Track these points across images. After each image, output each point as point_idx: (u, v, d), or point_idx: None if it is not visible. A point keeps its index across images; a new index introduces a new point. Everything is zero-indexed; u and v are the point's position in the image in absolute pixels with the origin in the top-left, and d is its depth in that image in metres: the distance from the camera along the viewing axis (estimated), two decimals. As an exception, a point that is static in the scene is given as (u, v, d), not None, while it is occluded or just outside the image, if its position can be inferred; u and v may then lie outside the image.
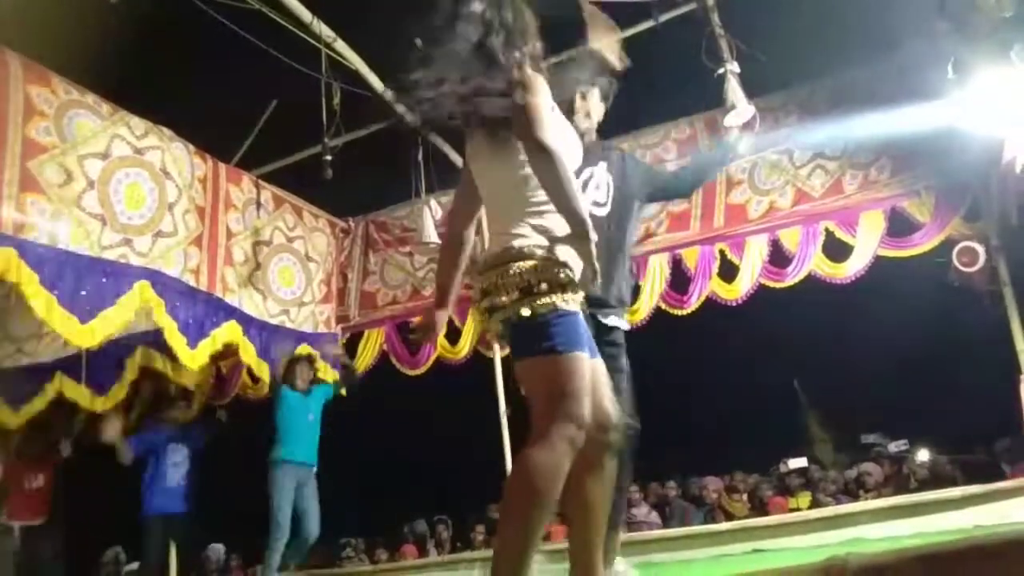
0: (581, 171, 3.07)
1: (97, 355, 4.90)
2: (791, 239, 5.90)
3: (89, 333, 4.52)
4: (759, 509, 6.99)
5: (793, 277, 5.86)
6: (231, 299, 5.72)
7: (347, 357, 6.36)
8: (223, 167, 5.86)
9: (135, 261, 4.90)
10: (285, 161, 6.68)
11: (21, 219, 4.24)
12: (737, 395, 10.08)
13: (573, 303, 2.07)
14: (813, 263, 5.80)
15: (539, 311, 2.01)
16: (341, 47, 5.31)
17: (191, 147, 5.53)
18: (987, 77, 4.12)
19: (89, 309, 4.51)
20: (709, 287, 6.04)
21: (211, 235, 5.60)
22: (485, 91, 2.09)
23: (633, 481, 7.56)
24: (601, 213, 3.34)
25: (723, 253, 6.08)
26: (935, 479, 6.61)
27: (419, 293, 7.00)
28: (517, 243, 2.09)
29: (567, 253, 2.07)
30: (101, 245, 4.69)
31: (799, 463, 7.71)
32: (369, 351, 7.00)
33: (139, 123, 5.12)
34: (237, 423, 6.56)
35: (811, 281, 5.87)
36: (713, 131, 5.96)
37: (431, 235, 6.24)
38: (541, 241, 2.09)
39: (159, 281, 5.03)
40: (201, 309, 5.38)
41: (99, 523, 8.43)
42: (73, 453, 7.04)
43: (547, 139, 1.99)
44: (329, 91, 5.67)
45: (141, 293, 4.87)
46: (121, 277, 4.78)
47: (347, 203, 7.12)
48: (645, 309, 6.17)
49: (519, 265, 2.05)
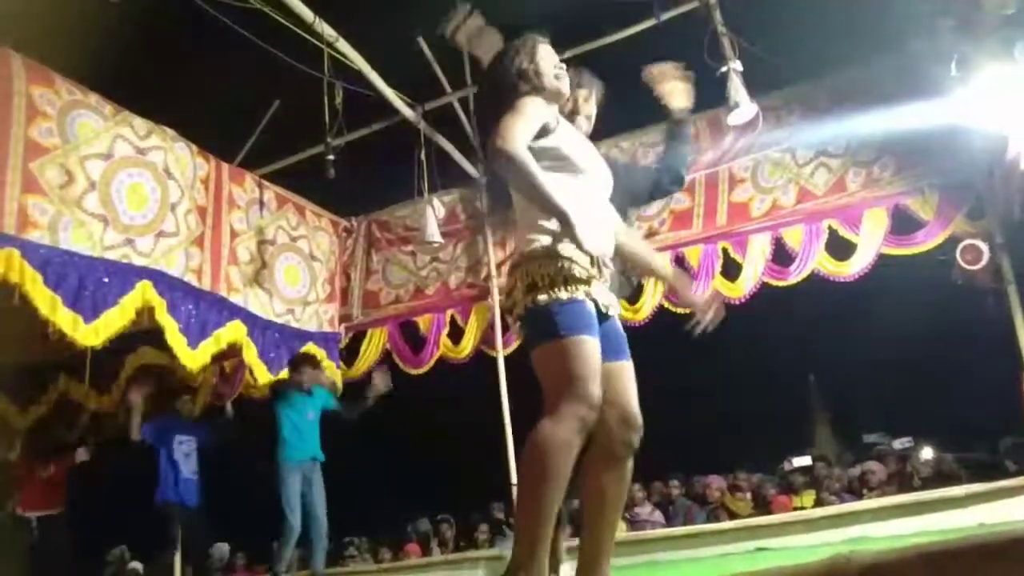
0: None
1: (99, 354, 4.89)
2: (794, 237, 5.88)
3: (93, 333, 4.54)
4: (762, 508, 6.97)
5: (796, 275, 5.85)
6: (236, 298, 5.72)
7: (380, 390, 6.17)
8: (226, 167, 5.87)
9: (137, 261, 4.91)
10: (288, 161, 6.70)
11: (23, 220, 4.25)
12: (740, 394, 10.07)
13: (577, 292, 2.15)
14: (816, 261, 5.78)
15: (541, 302, 2.12)
16: (343, 47, 5.31)
17: (194, 147, 5.53)
18: (990, 74, 4.11)
19: (92, 309, 4.53)
20: (712, 286, 6.02)
21: (214, 235, 5.60)
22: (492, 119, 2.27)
23: (636, 480, 7.59)
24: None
25: (726, 251, 6.06)
26: (939, 477, 6.60)
27: (422, 292, 7.01)
28: (526, 247, 2.23)
29: (569, 248, 2.16)
30: (103, 245, 4.70)
31: (803, 461, 7.69)
32: (372, 350, 7.00)
33: (142, 123, 5.12)
34: (241, 421, 6.54)
35: (814, 279, 5.86)
36: (716, 129, 5.95)
37: (434, 234, 6.24)
38: (545, 240, 2.20)
39: (161, 281, 5.04)
40: (204, 309, 5.38)
41: (105, 521, 8.45)
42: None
43: (504, 145, 2.10)
44: (331, 91, 5.68)
45: (143, 293, 4.88)
46: (123, 277, 4.79)
47: (350, 202, 7.13)
48: (648, 307, 6.16)
49: (527, 265, 2.19)
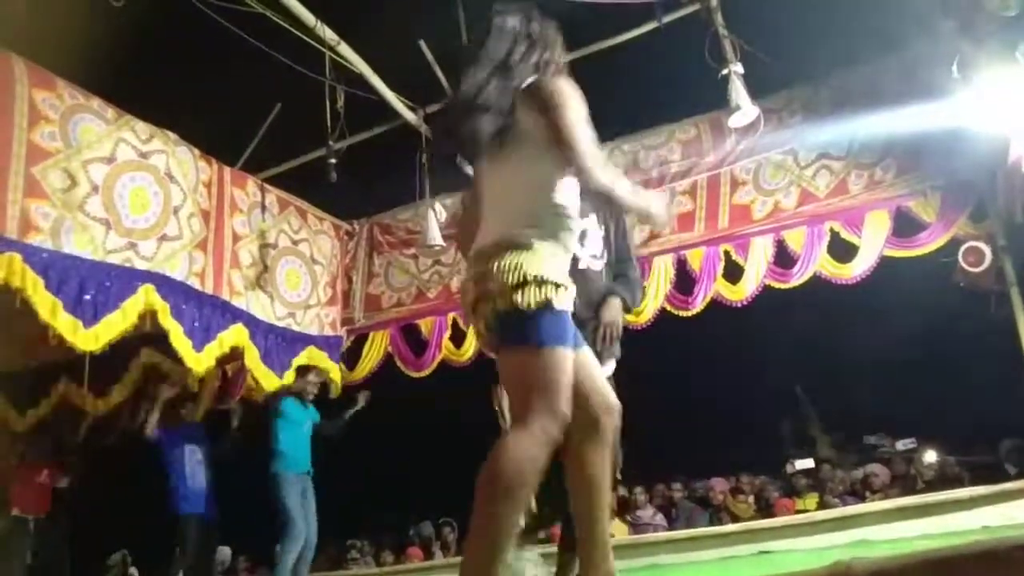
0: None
1: (101, 357, 4.89)
2: (796, 240, 5.88)
3: (93, 337, 4.53)
4: (765, 510, 6.97)
5: (798, 278, 5.84)
6: (238, 302, 5.72)
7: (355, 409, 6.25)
8: (228, 171, 5.87)
9: (140, 265, 4.90)
10: (289, 164, 6.70)
11: (26, 224, 4.25)
12: (743, 396, 10.05)
13: (565, 301, 2.06)
14: (818, 263, 5.78)
15: (531, 303, 1.99)
16: (345, 50, 5.32)
17: (196, 151, 5.53)
18: (992, 76, 4.10)
19: (94, 313, 4.52)
20: (714, 288, 6.03)
21: (216, 238, 5.60)
22: (504, 94, 2.15)
23: (638, 482, 7.57)
24: (597, 267, 3.28)
25: (728, 254, 6.06)
26: (942, 480, 6.59)
27: (424, 295, 7.00)
28: (520, 234, 2.07)
29: (563, 263, 2.11)
30: (106, 249, 4.70)
31: (806, 464, 7.68)
32: (374, 353, 7.00)
33: (144, 127, 5.13)
34: (241, 425, 6.54)
35: (817, 281, 5.85)
36: (717, 131, 5.95)
37: (436, 237, 6.25)
38: (548, 235, 2.08)
39: (164, 284, 5.03)
40: (207, 312, 5.38)
41: (104, 526, 8.44)
42: (80, 457, 7.11)
43: (602, 181, 2.08)
44: (333, 94, 5.69)
45: (146, 296, 4.87)
46: (126, 281, 4.78)
47: (352, 205, 7.13)
48: (650, 311, 6.15)
49: (517, 254, 2.03)
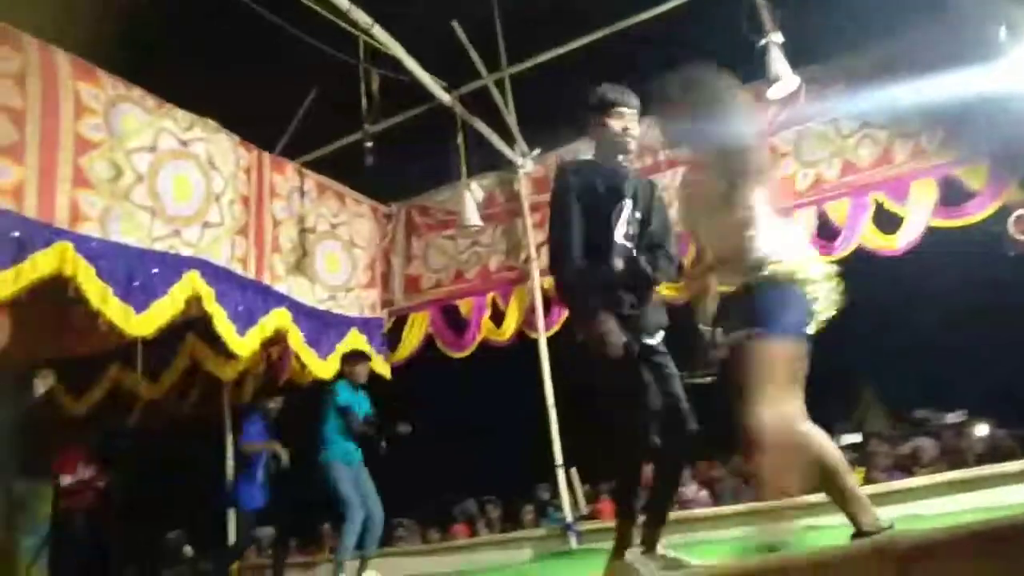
0: (619, 202, 3.06)
1: (149, 343, 5.01)
2: (839, 211, 5.76)
3: (144, 323, 4.65)
4: (811, 486, 6.89)
5: (842, 250, 5.72)
6: (279, 286, 5.82)
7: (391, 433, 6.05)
8: (267, 156, 5.94)
9: (184, 251, 5.01)
10: (327, 149, 6.76)
11: (75, 214, 4.36)
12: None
13: None
14: (863, 235, 5.66)
15: None
16: (378, 33, 5.32)
17: (235, 137, 5.61)
18: (1043, 37, 3.96)
19: (143, 299, 4.64)
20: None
21: (257, 224, 5.69)
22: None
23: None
24: (631, 245, 3.27)
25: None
26: (993, 453, 6.45)
27: (462, 276, 7.04)
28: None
29: None
30: (152, 236, 4.80)
31: (853, 438, 7.58)
32: (415, 334, 7.06)
33: (184, 115, 5.21)
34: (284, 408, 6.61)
35: (861, 253, 5.74)
36: (757, 104, 5.84)
37: (473, 218, 6.27)
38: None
39: (208, 270, 5.13)
40: (250, 297, 5.48)
41: (159, 509, 8.69)
42: (132, 443, 7.36)
43: None
44: (368, 77, 5.71)
45: (191, 283, 4.97)
46: (171, 267, 4.89)
47: (389, 188, 7.18)
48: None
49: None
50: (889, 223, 5.66)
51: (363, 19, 5.15)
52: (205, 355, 6.53)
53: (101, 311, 4.43)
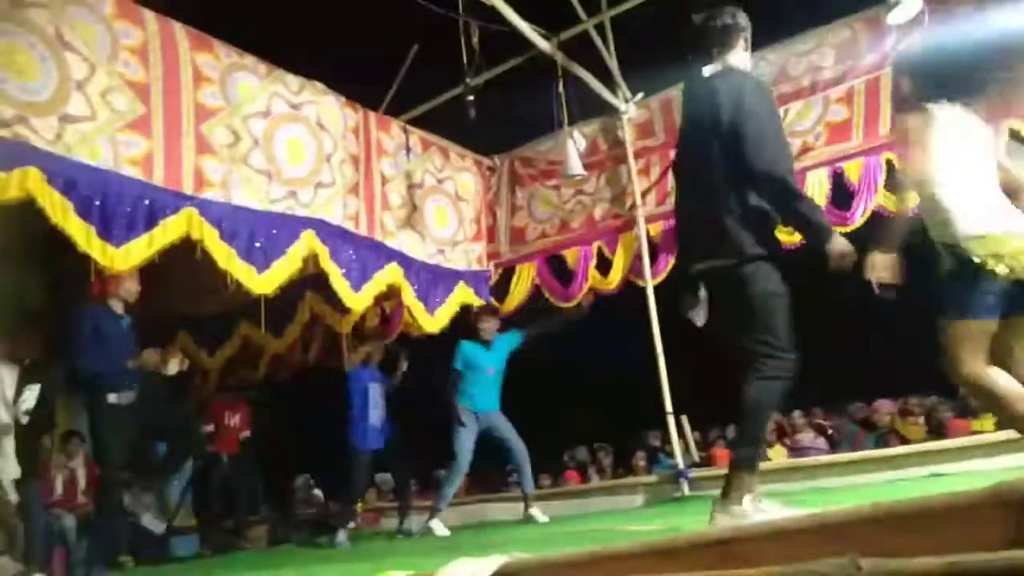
0: None
1: (273, 300, 5.28)
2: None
3: (266, 281, 4.90)
4: (937, 432, 6.60)
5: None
6: (391, 242, 5.99)
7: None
8: (373, 115, 6.07)
9: (300, 212, 5.22)
10: (429, 104, 6.84)
11: (199, 180, 4.63)
12: (911, 314, 9.45)
13: None
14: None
15: None
16: (476, -17, 5.30)
17: (342, 98, 5.75)
18: None
19: (264, 259, 4.89)
20: (875, 201, 5.63)
21: (367, 182, 5.86)
22: None
23: (797, 406, 7.36)
24: None
25: (891, 164, 5.62)
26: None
27: (567, 226, 7.03)
28: None
29: None
30: (269, 199, 5.03)
31: None
32: (522, 286, 7.13)
33: (294, 79, 5.38)
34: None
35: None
36: (874, 31, 5.49)
37: (576, 167, 6.22)
38: None
39: (323, 229, 5.34)
40: (363, 253, 5.67)
41: (290, 453, 9.24)
42: (263, 392, 7.83)
43: None
44: (467, 30, 5.71)
45: (308, 242, 5.19)
46: (289, 228, 5.11)
47: (492, 140, 7.21)
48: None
49: None
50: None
51: (461, -30, 5.13)
52: (323, 310, 6.83)
53: (227, 271, 4.70)
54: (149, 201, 4.33)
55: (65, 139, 3.99)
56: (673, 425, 6.20)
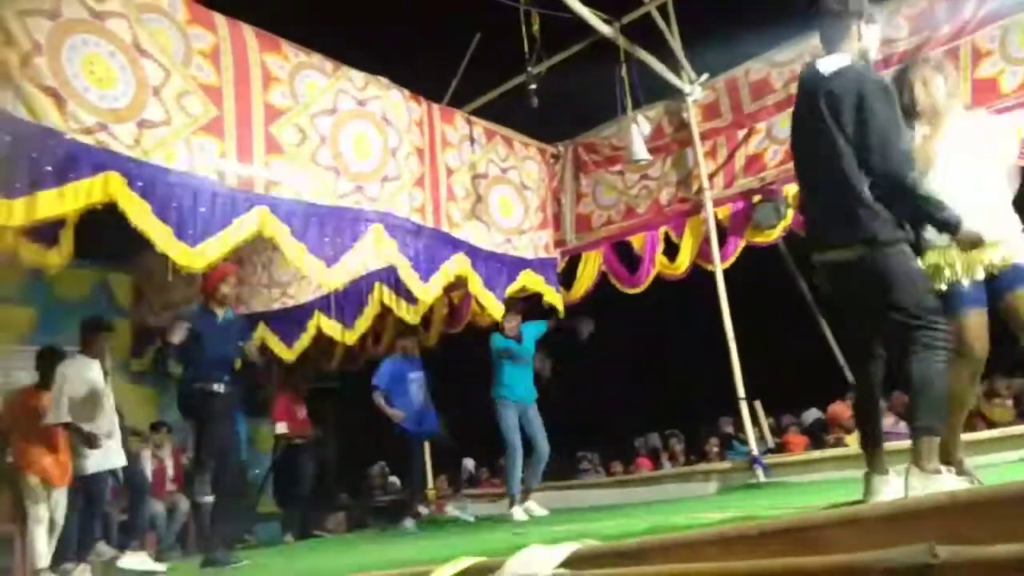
0: None
1: (344, 293, 5.41)
2: (1056, 111, 5.10)
3: (335, 275, 5.02)
4: (1027, 415, 6.32)
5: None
6: (457, 233, 6.04)
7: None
8: (436, 108, 6.12)
9: (367, 206, 5.31)
10: (492, 94, 6.86)
11: (269, 179, 4.75)
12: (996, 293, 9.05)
13: None
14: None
15: None
16: (536, -29, 5.29)
17: (406, 92, 5.82)
18: None
19: (333, 254, 5.00)
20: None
21: (432, 174, 5.91)
22: None
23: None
24: None
25: (971, 136, 5.39)
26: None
27: (633, 211, 6.97)
28: None
29: None
30: (337, 194, 5.13)
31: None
32: (588, 272, 7.11)
33: (359, 76, 5.47)
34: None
35: None
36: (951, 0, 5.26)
37: (641, 151, 6.15)
38: None
39: (390, 222, 5.42)
40: (430, 245, 5.75)
41: (366, 441, 9.44)
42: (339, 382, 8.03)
43: None
44: (528, 18, 5.70)
45: (375, 235, 5.28)
46: (356, 222, 5.21)
47: (555, 127, 7.19)
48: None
49: None
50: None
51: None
52: (393, 302, 6.95)
53: (298, 267, 4.83)
54: (222, 201, 4.47)
55: (143, 144, 4.15)
56: (746, 411, 6.10)
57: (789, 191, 6.02)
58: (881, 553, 0.98)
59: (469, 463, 9.89)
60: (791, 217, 6.09)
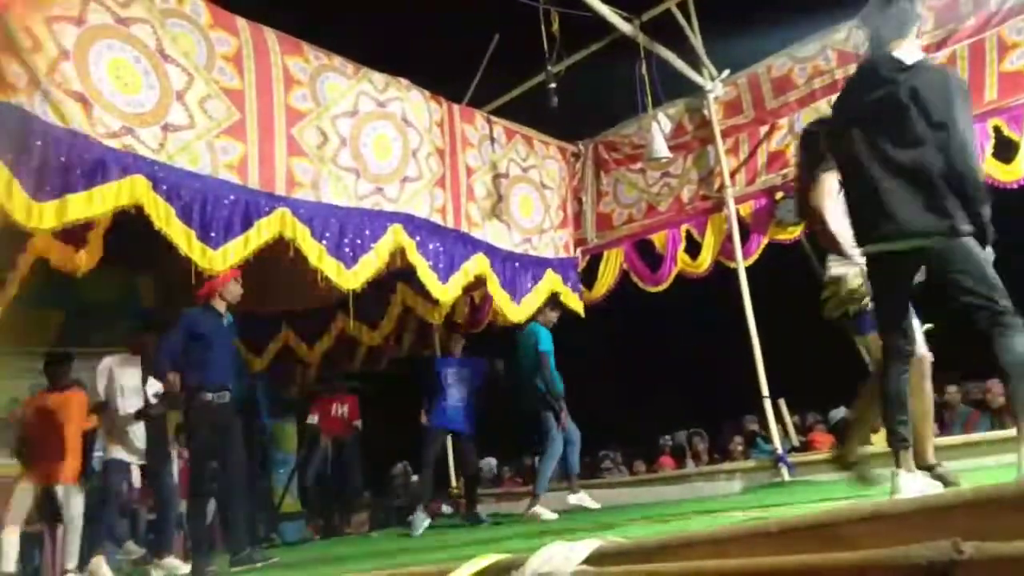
0: None
1: (368, 293, 5.43)
2: (1087, 103, 5.02)
3: (353, 277, 5.02)
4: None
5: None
6: (477, 233, 6.04)
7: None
8: (456, 108, 6.13)
9: (387, 207, 5.33)
10: (512, 94, 6.86)
11: (291, 181, 4.79)
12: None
13: None
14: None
15: None
16: (555, -31, 5.28)
17: (426, 93, 5.83)
18: None
19: (352, 255, 5.01)
20: (984, 170, 5.33)
21: (452, 175, 5.92)
22: None
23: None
24: None
25: (998, 131, 5.31)
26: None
27: (654, 209, 6.94)
28: None
29: None
30: (357, 196, 5.15)
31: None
32: (610, 271, 7.09)
33: (380, 77, 5.49)
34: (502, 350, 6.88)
35: None
36: None
37: (662, 149, 6.13)
38: None
39: (410, 223, 5.43)
40: (449, 245, 5.74)
41: (388, 441, 9.48)
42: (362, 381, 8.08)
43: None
44: (547, 17, 5.69)
45: (395, 236, 5.29)
46: (376, 223, 5.22)
47: (576, 126, 7.18)
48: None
49: None
50: None
51: (538, -42, 5.12)
52: (415, 302, 6.97)
53: (318, 268, 4.85)
54: (244, 203, 4.51)
55: (167, 147, 4.21)
56: (770, 409, 6.06)
57: None
58: (905, 549, 0.97)
59: (491, 462, 9.90)
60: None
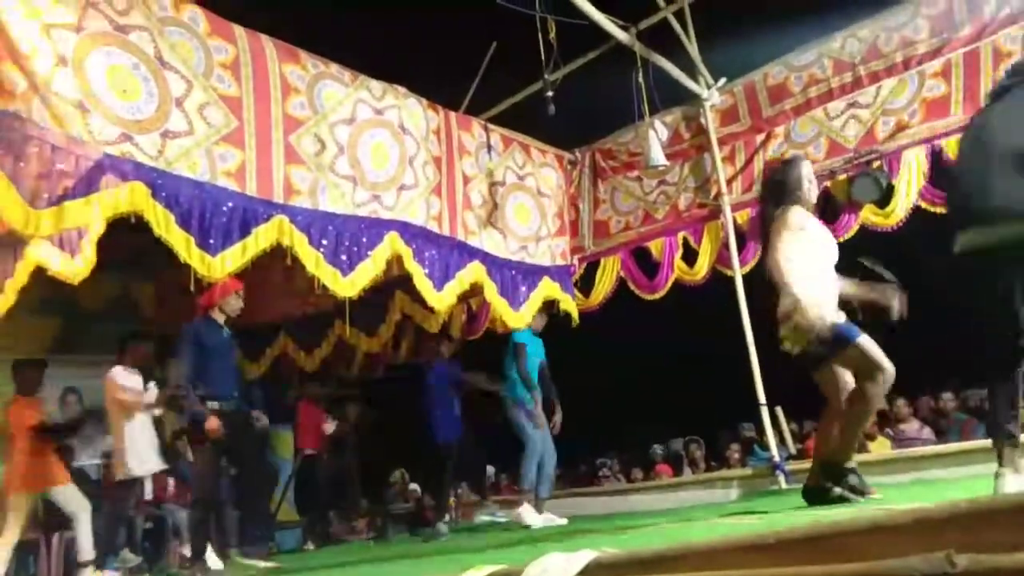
0: None
1: (366, 300, 5.43)
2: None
3: (350, 284, 5.02)
4: (1056, 421, 6.21)
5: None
6: (473, 241, 6.05)
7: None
8: (454, 116, 6.14)
9: (384, 215, 5.33)
10: (509, 102, 6.88)
11: (288, 188, 4.79)
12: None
13: None
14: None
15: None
16: (551, -23, 5.30)
17: (424, 101, 5.84)
18: None
19: (349, 263, 5.01)
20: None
21: (449, 182, 5.93)
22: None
23: (901, 394, 7.04)
24: None
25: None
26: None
27: (651, 217, 6.96)
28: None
29: None
30: (354, 203, 5.16)
31: None
32: (607, 279, 7.10)
33: (377, 85, 5.50)
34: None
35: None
36: (971, 1, 5.21)
37: (659, 157, 6.14)
38: None
39: (406, 231, 5.43)
40: (445, 253, 5.75)
41: (386, 448, 9.47)
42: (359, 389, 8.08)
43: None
44: (544, 25, 5.71)
45: (391, 244, 5.29)
46: (373, 231, 5.22)
47: (572, 134, 7.19)
48: (902, 210, 5.66)
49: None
50: None
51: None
52: (413, 309, 6.97)
53: (315, 276, 4.86)
54: (243, 210, 4.50)
55: (166, 154, 4.21)
56: (767, 417, 6.06)
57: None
58: (899, 561, 0.97)
59: (489, 469, 9.90)
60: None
